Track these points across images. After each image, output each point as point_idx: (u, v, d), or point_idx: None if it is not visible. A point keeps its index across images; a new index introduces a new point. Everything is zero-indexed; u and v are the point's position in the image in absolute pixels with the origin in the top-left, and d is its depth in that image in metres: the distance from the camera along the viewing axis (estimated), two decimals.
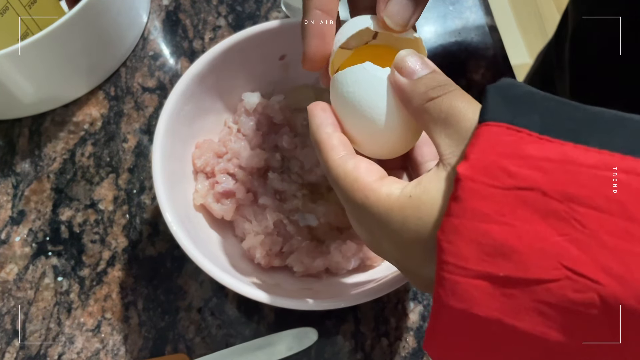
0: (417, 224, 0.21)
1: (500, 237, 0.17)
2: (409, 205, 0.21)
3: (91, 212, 0.45)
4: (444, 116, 0.21)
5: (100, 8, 0.45)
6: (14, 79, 0.44)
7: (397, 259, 0.24)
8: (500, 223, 0.18)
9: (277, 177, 0.40)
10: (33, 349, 0.40)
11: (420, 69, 0.23)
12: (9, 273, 0.43)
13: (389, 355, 0.39)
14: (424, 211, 0.21)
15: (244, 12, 0.53)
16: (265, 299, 0.33)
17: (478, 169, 0.18)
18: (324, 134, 0.25)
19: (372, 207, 0.22)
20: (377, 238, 0.24)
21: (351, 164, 0.24)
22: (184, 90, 0.39)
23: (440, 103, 0.22)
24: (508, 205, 0.18)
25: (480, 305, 0.18)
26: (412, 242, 0.21)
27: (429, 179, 0.21)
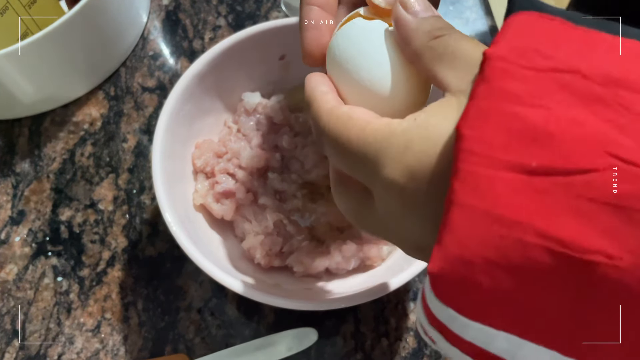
0: (423, 144, 0.18)
1: (534, 121, 0.15)
2: (414, 128, 0.19)
3: (91, 212, 0.45)
4: (450, 50, 0.20)
5: (100, 8, 0.45)
6: (13, 79, 0.44)
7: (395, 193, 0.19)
8: (534, 106, 0.15)
9: (277, 177, 0.40)
10: (33, 349, 0.40)
11: (426, 11, 0.22)
12: (9, 273, 0.43)
13: (389, 356, 0.39)
14: (433, 131, 0.18)
15: (244, 11, 0.53)
16: (265, 300, 0.33)
17: (509, 49, 0.16)
18: (319, 92, 0.24)
19: (369, 137, 0.20)
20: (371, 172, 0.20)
21: (345, 108, 0.22)
22: (183, 90, 0.39)
23: (447, 39, 0.20)
24: (544, 87, 0.15)
25: (507, 203, 0.15)
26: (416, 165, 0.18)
27: (435, 105, 0.19)
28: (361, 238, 0.39)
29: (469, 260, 0.15)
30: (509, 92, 0.16)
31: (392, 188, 0.20)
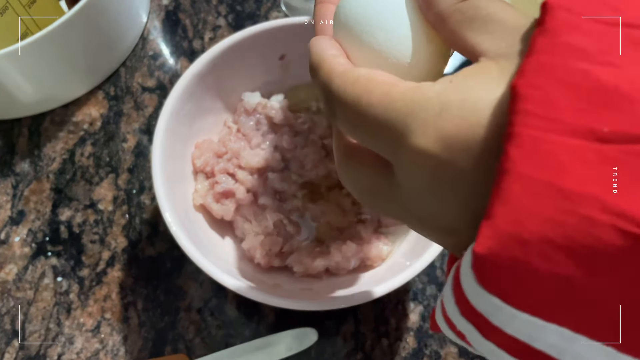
0: (462, 108, 0.16)
1: (606, 80, 0.13)
2: (450, 90, 0.16)
3: (91, 212, 0.45)
4: (482, 12, 0.17)
5: (100, 8, 0.45)
6: (13, 79, 0.44)
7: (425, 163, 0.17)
8: (605, 63, 0.13)
9: (277, 177, 0.40)
10: (32, 349, 0.40)
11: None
12: (9, 273, 0.43)
13: (389, 356, 0.39)
14: (473, 95, 0.16)
15: (243, 11, 0.53)
16: (265, 300, 0.33)
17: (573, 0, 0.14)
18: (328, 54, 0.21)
19: (396, 100, 0.17)
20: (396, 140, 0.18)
21: (362, 70, 0.19)
22: (183, 90, 0.39)
23: (478, 1, 0.18)
24: (614, 43, 0.13)
25: (573, 174, 0.13)
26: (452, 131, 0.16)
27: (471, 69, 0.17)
28: (361, 238, 0.39)
29: (526, 240, 0.13)
30: (576, 46, 0.14)
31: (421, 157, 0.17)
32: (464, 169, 0.16)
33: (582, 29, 0.14)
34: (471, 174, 0.16)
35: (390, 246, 0.40)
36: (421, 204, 0.18)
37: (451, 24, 0.18)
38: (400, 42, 0.20)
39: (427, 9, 0.19)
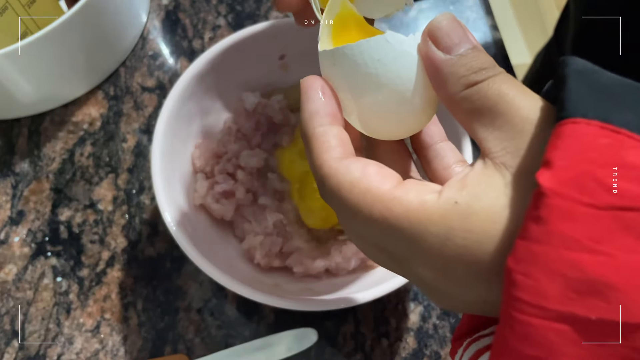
0: (466, 237, 0.16)
1: (594, 270, 0.14)
2: (454, 215, 0.17)
3: (90, 212, 0.45)
4: (490, 104, 0.18)
5: (100, 8, 0.44)
6: (13, 79, 0.44)
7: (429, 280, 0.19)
8: (594, 252, 0.14)
9: (276, 177, 0.40)
10: (32, 349, 0.40)
11: (461, 43, 0.19)
12: (8, 273, 0.43)
13: (389, 356, 0.39)
14: (476, 223, 0.16)
15: (243, 11, 0.53)
16: (265, 300, 0.33)
17: (566, 180, 0.14)
18: (319, 128, 0.20)
19: (400, 220, 0.17)
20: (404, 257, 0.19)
21: (356, 170, 0.19)
22: (183, 90, 0.39)
23: (486, 88, 0.18)
24: (605, 229, 0.14)
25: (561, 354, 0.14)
26: (456, 260, 0.17)
27: (477, 182, 0.17)
28: None
29: None
30: (567, 236, 0.14)
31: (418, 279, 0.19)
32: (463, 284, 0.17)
33: (574, 217, 0.14)
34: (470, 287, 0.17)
35: None
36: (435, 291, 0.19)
37: (460, 112, 0.19)
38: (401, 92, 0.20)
39: (437, 89, 0.20)
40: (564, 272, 0.14)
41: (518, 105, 0.17)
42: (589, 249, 0.14)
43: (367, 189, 0.18)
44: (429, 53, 0.19)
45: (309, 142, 0.21)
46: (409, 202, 0.18)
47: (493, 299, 0.16)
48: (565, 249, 0.14)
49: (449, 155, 0.23)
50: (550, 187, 0.15)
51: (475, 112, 0.18)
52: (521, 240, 0.15)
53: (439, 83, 0.19)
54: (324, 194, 0.20)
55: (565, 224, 0.14)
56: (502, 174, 0.17)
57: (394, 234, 0.18)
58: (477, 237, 0.16)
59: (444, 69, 0.19)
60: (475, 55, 0.18)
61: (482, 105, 0.18)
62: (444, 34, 0.19)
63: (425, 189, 0.18)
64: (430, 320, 0.40)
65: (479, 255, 0.16)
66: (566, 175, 0.15)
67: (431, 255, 0.17)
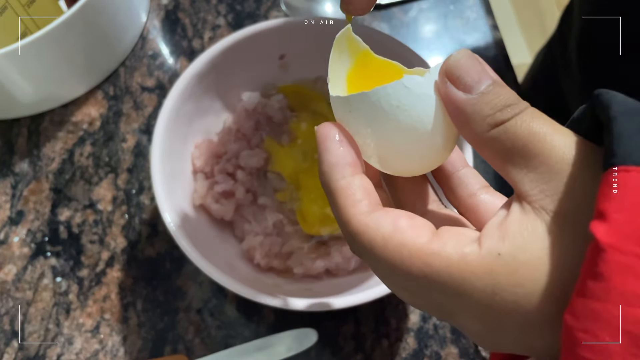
0: (515, 292, 0.16)
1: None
2: (499, 269, 0.16)
3: (90, 212, 0.44)
4: (521, 144, 0.17)
5: (99, 7, 0.44)
6: (12, 79, 0.44)
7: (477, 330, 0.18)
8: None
9: (276, 177, 0.40)
10: (32, 349, 0.40)
11: (482, 80, 0.18)
12: (8, 273, 0.43)
13: (390, 356, 0.39)
14: (524, 276, 0.16)
15: (243, 11, 0.53)
16: (264, 300, 0.33)
17: (625, 234, 0.14)
18: (341, 180, 0.19)
19: (441, 276, 0.17)
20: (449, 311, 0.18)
21: (388, 225, 0.18)
22: (183, 89, 0.39)
23: (515, 127, 0.17)
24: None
25: None
26: (507, 314, 0.16)
27: (518, 230, 0.16)
28: None
29: None
30: (629, 292, 0.14)
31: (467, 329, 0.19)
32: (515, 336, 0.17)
33: (636, 272, 0.14)
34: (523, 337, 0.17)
35: None
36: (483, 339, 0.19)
37: (488, 152, 0.18)
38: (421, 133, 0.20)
39: (460, 129, 0.19)
40: (628, 329, 0.14)
41: (552, 144, 0.17)
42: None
43: (402, 245, 0.18)
44: (449, 94, 0.18)
45: (332, 195, 0.20)
46: (449, 256, 0.17)
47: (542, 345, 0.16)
48: (628, 306, 0.14)
49: (473, 182, 0.23)
50: (608, 242, 0.14)
51: (506, 153, 0.17)
52: (580, 298, 0.14)
53: (463, 123, 0.18)
54: (356, 250, 0.19)
55: (626, 280, 0.14)
56: (543, 219, 0.16)
57: (436, 289, 0.17)
58: (526, 290, 0.16)
59: (466, 109, 0.18)
60: (498, 91, 0.18)
61: (513, 146, 0.17)
62: (463, 73, 0.18)
63: (463, 239, 0.17)
64: (431, 320, 0.40)
65: (529, 307, 0.16)
66: (625, 229, 0.14)
67: (478, 311, 0.17)
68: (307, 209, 0.39)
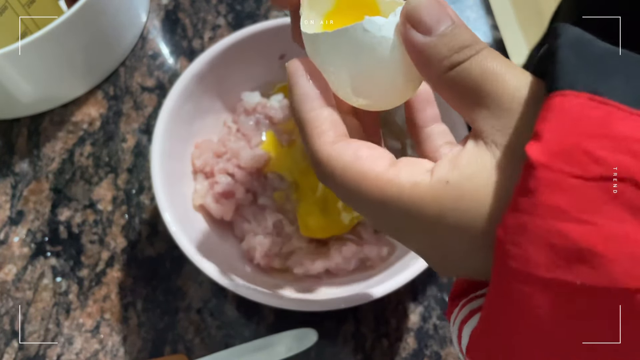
0: (459, 217, 0.17)
1: (580, 239, 0.14)
2: (446, 195, 0.17)
3: (90, 212, 0.44)
4: (475, 84, 0.17)
5: (99, 7, 0.44)
6: (12, 79, 0.44)
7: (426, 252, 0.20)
8: (581, 222, 0.14)
9: (276, 177, 0.40)
10: (32, 349, 0.40)
11: (441, 22, 0.18)
12: (8, 274, 0.43)
13: (390, 356, 0.39)
14: (468, 202, 0.17)
15: (243, 11, 0.53)
16: (264, 300, 0.33)
17: (555, 152, 0.15)
18: (310, 112, 0.21)
19: (394, 201, 0.18)
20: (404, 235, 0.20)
21: (349, 154, 0.19)
22: (183, 89, 0.39)
23: (469, 68, 0.18)
24: (592, 199, 0.14)
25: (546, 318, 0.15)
26: (452, 239, 0.18)
27: (467, 161, 0.17)
28: (361, 239, 0.39)
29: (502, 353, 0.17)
30: (555, 206, 0.15)
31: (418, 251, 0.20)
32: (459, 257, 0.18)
33: (562, 188, 0.15)
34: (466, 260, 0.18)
35: (390, 247, 0.40)
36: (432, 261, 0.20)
37: (446, 93, 0.19)
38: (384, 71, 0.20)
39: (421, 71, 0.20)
40: (552, 241, 0.15)
41: (504, 83, 0.17)
42: (576, 219, 0.14)
43: (359, 173, 0.19)
44: (408, 37, 0.19)
45: (301, 126, 0.21)
46: (401, 183, 0.18)
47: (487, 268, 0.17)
48: (552, 219, 0.15)
49: (438, 137, 0.24)
50: (538, 160, 0.15)
51: (463, 93, 0.18)
52: (510, 212, 0.15)
53: (422, 65, 0.19)
54: (321, 177, 0.21)
55: (553, 196, 0.15)
56: (492, 153, 0.17)
57: (389, 213, 0.19)
58: (470, 215, 0.17)
59: (425, 52, 0.18)
60: (456, 32, 0.18)
61: (468, 86, 0.18)
62: (423, 15, 0.18)
63: (418, 169, 0.18)
64: (431, 320, 0.40)
65: (473, 232, 0.17)
66: (555, 147, 0.15)
67: (427, 235, 0.18)
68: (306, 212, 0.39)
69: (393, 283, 0.34)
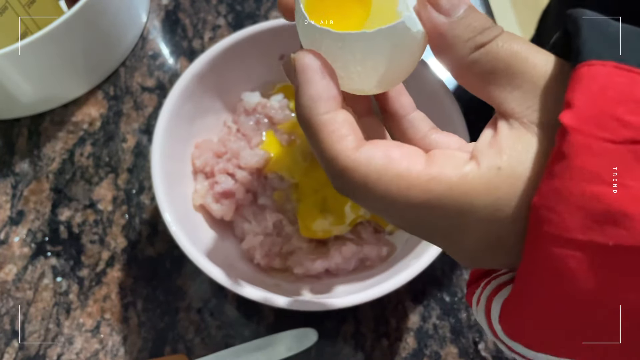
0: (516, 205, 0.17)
1: (612, 201, 0.15)
2: (500, 183, 0.17)
3: (90, 212, 0.45)
4: (503, 65, 0.17)
5: (100, 8, 0.44)
6: (13, 79, 0.44)
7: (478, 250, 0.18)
8: (612, 184, 0.15)
9: (276, 177, 0.40)
10: (32, 349, 0.40)
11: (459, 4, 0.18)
12: (8, 273, 0.43)
13: (389, 356, 0.39)
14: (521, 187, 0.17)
15: (243, 11, 0.53)
16: (264, 300, 0.33)
17: (586, 118, 0.15)
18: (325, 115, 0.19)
19: (444, 198, 0.17)
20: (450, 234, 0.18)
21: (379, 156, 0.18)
22: (183, 89, 0.39)
23: (497, 49, 0.17)
24: (622, 162, 0.15)
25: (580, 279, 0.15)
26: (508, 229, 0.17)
27: (512, 144, 0.17)
28: (361, 239, 0.39)
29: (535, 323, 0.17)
30: (587, 170, 0.15)
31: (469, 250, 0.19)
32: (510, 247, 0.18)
33: (593, 151, 0.15)
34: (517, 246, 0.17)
35: (390, 247, 0.40)
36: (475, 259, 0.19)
37: (471, 75, 0.18)
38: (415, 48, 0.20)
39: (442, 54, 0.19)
40: (584, 204, 0.15)
41: (534, 62, 0.17)
42: (607, 182, 0.15)
43: (398, 176, 0.17)
44: (431, 18, 0.18)
45: (315, 131, 0.19)
46: (449, 178, 0.17)
47: None
48: (586, 182, 0.15)
49: (422, 124, 0.23)
50: (571, 125, 0.15)
51: (489, 75, 0.18)
52: (545, 179, 0.15)
53: (444, 48, 0.19)
54: (344, 188, 0.19)
55: (585, 159, 0.15)
56: (533, 133, 0.17)
57: (437, 214, 0.17)
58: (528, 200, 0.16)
59: (448, 34, 0.18)
60: (475, 15, 0.18)
61: (495, 67, 0.18)
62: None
63: (459, 160, 0.18)
64: (430, 320, 0.40)
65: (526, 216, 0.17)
66: (586, 113, 0.15)
67: (480, 229, 0.17)
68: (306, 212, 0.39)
69: (393, 283, 0.34)
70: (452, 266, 0.42)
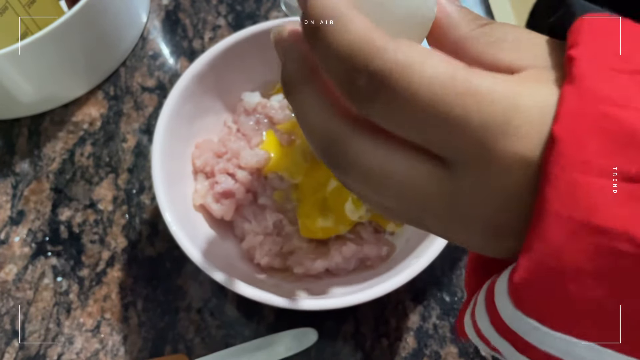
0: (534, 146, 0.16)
1: (631, 123, 0.14)
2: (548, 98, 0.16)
3: (90, 212, 0.45)
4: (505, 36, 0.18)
5: (100, 8, 0.45)
6: (13, 79, 0.44)
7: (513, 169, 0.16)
8: (628, 108, 0.14)
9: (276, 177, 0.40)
10: (32, 349, 0.40)
11: None
12: (8, 273, 0.43)
13: (389, 356, 0.39)
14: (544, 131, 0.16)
15: (243, 11, 0.53)
16: (264, 300, 0.33)
17: (592, 51, 0.15)
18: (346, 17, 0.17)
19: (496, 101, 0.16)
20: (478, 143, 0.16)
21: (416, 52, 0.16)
22: (183, 89, 0.39)
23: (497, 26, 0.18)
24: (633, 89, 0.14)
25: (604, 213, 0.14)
26: None
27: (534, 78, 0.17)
28: (361, 239, 0.39)
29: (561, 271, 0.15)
30: (600, 93, 0.14)
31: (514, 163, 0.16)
32: None
33: (603, 77, 0.15)
34: None
35: (390, 247, 0.40)
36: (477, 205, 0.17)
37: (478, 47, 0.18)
38: None
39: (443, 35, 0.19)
40: (602, 125, 0.14)
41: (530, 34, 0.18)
42: (622, 105, 0.14)
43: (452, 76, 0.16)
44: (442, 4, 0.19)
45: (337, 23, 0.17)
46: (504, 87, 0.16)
47: None
48: (601, 104, 0.14)
49: None
50: (580, 54, 0.15)
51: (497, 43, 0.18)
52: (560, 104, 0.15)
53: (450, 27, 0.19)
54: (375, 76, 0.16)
55: (597, 83, 0.15)
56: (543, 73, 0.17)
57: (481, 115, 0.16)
58: None
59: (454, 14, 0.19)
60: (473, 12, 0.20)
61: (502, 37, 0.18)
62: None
63: None
64: (430, 320, 0.40)
65: None
66: (590, 48, 0.15)
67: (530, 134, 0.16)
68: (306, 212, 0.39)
69: (393, 283, 0.34)
70: (452, 266, 0.42)
